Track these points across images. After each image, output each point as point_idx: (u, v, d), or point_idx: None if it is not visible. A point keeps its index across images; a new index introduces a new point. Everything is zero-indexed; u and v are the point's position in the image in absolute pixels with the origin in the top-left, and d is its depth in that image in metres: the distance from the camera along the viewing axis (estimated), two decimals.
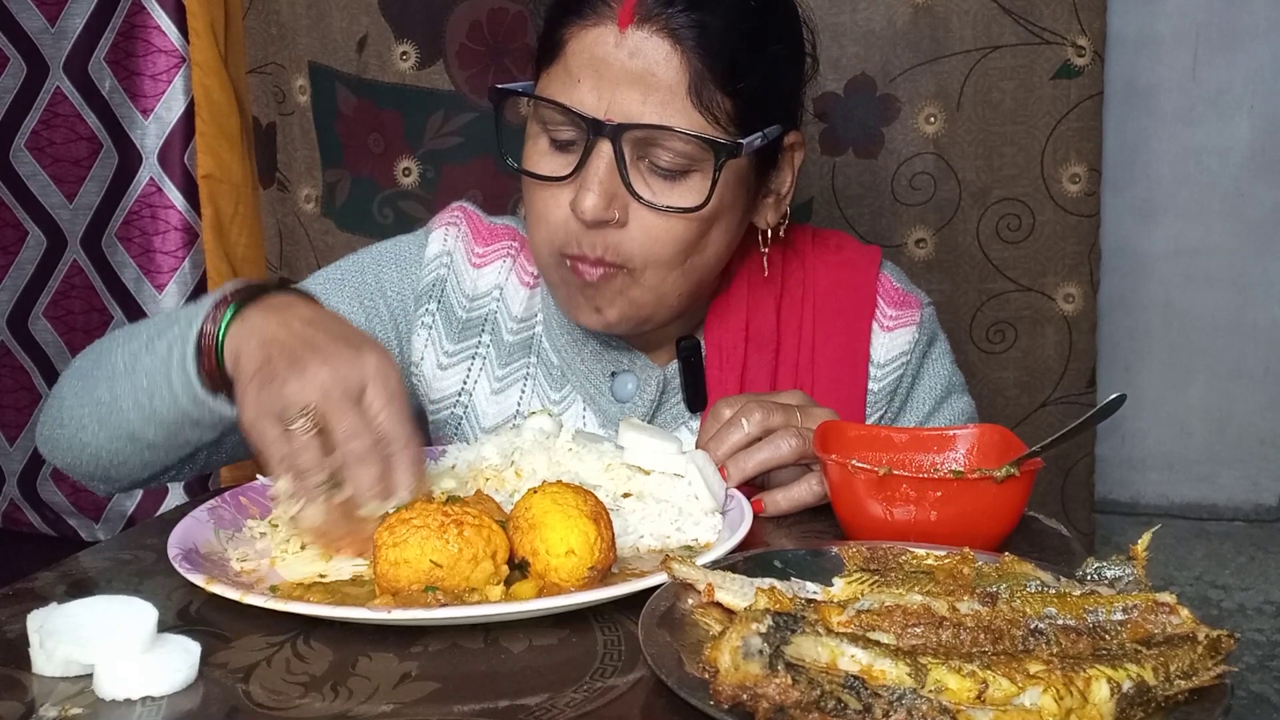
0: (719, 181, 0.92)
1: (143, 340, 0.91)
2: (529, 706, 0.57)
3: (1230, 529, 2.03)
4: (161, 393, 0.86)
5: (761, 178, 1.00)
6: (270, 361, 0.77)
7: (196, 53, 1.77)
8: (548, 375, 1.07)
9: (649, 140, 0.91)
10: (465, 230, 1.09)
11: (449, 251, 1.08)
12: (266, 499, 0.82)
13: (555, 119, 0.93)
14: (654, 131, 0.90)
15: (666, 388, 1.05)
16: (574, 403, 1.06)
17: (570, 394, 1.06)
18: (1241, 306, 1.98)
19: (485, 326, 1.08)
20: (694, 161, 0.92)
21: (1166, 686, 0.53)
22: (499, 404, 1.07)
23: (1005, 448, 0.83)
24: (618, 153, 0.90)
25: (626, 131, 0.90)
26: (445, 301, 1.08)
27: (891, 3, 1.57)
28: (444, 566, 0.66)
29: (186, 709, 0.58)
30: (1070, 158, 1.58)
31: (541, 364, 1.07)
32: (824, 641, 0.54)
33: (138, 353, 0.90)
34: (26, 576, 0.77)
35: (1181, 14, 1.90)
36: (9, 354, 1.97)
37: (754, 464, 0.87)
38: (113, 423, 0.91)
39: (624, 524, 0.79)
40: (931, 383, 1.09)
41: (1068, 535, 0.86)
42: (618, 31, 0.90)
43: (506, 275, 1.08)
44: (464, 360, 1.07)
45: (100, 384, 0.93)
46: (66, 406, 0.96)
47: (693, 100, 0.90)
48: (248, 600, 0.67)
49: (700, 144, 0.91)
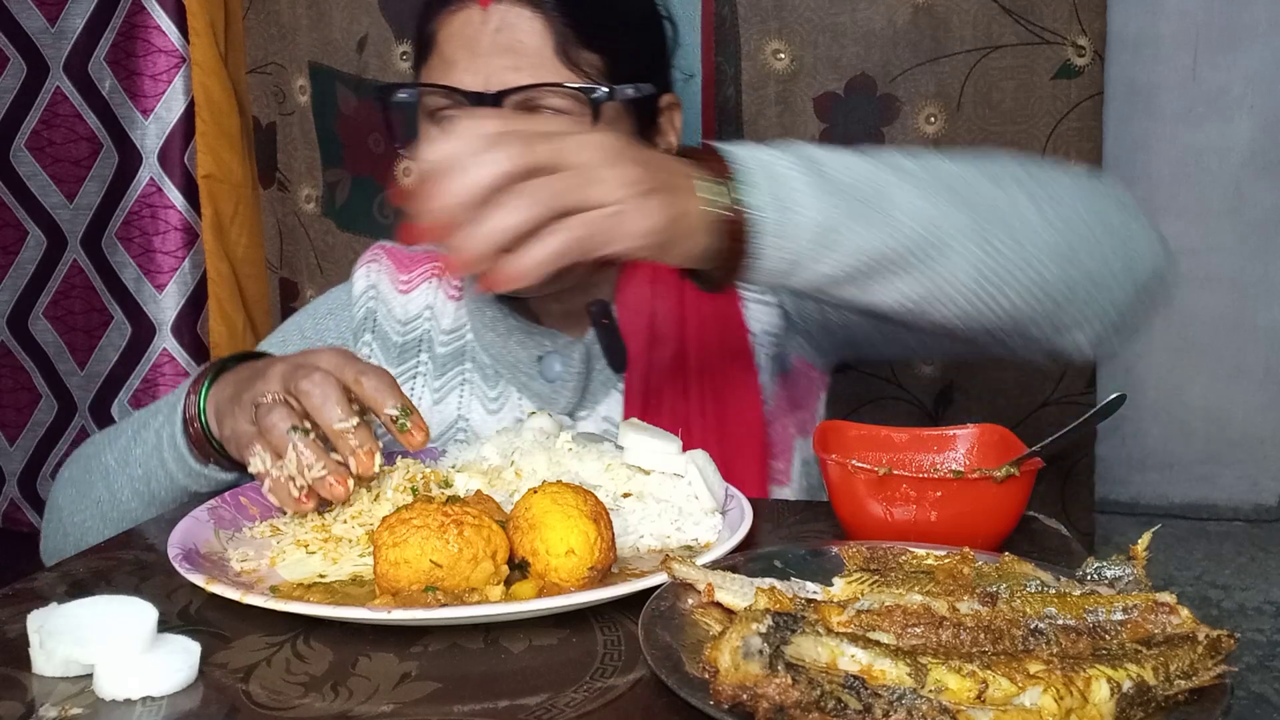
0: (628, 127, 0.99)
1: (129, 436, 0.98)
2: (529, 706, 0.57)
3: (1230, 529, 2.03)
4: (157, 476, 0.94)
5: (646, 139, 1.05)
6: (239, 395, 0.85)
7: (196, 53, 1.77)
8: (483, 377, 1.11)
9: (528, 103, 0.97)
10: (386, 263, 1.17)
11: (373, 285, 1.16)
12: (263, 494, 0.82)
13: (440, 103, 0.99)
14: (530, 92, 0.96)
15: (590, 356, 1.08)
16: (509, 396, 1.10)
17: (504, 388, 1.10)
18: (1241, 306, 1.98)
19: (421, 346, 1.14)
20: (574, 118, 0.97)
21: (1166, 686, 0.53)
22: (440, 413, 1.11)
23: (1005, 448, 0.83)
24: None
25: (506, 97, 0.95)
26: (379, 330, 1.15)
27: (891, 3, 1.57)
28: (444, 566, 0.66)
29: (186, 709, 0.58)
30: (1070, 158, 1.58)
31: (476, 367, 1.12)
32: (824, 641, 0.54)
33: (127, 447, 0.98)
34: (26, 576, 0.77)
35: (1181, 14, 1.90)
36: (9, 354, 1.98)
37: (483, 238, 0.70)
38: (115, 517, 0.97)
39: (624, 524, 0.79)
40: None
41: (1068, 535, 0.86)
42: (481, 10, 0.98)
43: (434, 294, 1.15)
44: (405, 381, 1.13)
45: (96, 485, 1.00)
46: (65, 515, 1.03)
47: (561, 60, 0.97)
48: (248, 600, 0.67)
49: (575, 97, 0.97)
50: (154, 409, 0.99)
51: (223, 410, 0.87)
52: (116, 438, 1.02)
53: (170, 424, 0.93)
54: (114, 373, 1.88)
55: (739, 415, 1.06)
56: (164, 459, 0.94)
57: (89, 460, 1.03)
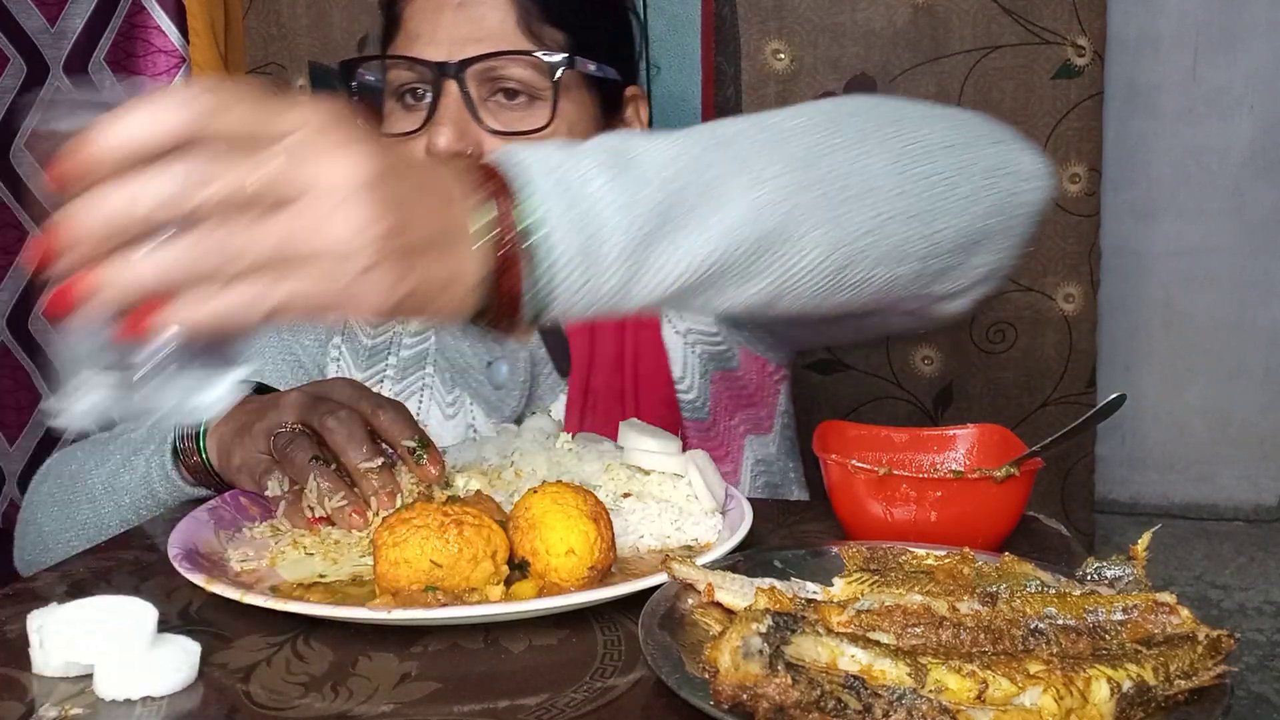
0: (559, 100, 0.98)
1: (117, 462, 0.98)
2: (529, 706, 0.57)
3: (1230, 529, 2.03)
4: (146, 504, 0.95)
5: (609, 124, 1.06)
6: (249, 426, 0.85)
7: (196, 53, 1.76)
8: (441, 381, 1.11)
9: (490, 74, 0.97)
10: None
11: None
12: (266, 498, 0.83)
13: (404, 78, 1.00)
14: (492, 61, 0.96)
15: (535, 360, 1.08)
16: (463, 401, 1.10)
17: (459, 394, 1.10)
18: (1241, 306, 1.98)
19: (390, 349, 1.14)
20: (537, 90, 0.98)
21: (1166, 686, 0.53)
22: None
23: (1005, 448, 0.83)
24: (464, 91, 0.96)
25: (468, 67, 0.96)
26: (349, 333, 1.15)
27: (891, 3, 1.57)
28: (444, 566, 0.66)
29: (186, 709, 0.58)
30: (1070, 158, 1.58)
31: (437, 372, 1.11)
32: (824, 641, 0.54)
33: (114, 473, 0.98)
34: (26, 576, 0.77)
35: (1181, 14, 1.90)
36: (9, 354, 1.97)
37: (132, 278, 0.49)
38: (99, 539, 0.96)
39: (624, 524, 0.79)
40: None
41: (1068, 535, 0.86)
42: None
43: None
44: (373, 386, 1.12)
45: (81, 507, 0.99)
46: (48, 533, 1.02)
47: (523, 31, 0.98)
48: (248, 600, 0.67)
49: (536, 66, 0.97)
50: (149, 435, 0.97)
51: (229, 444, 0.88)
52: (104, 460, 1.00)
53: (160, 455, 0.94)
54: None
55: (659, 419, 1.02)
56: (154, 490, 0.95)
57: (72, 480, 1.02)
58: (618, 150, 0.61)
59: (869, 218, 0.69)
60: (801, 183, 0.66)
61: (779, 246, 0.66)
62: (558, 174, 0.58)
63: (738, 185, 0.64)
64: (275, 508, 0.82)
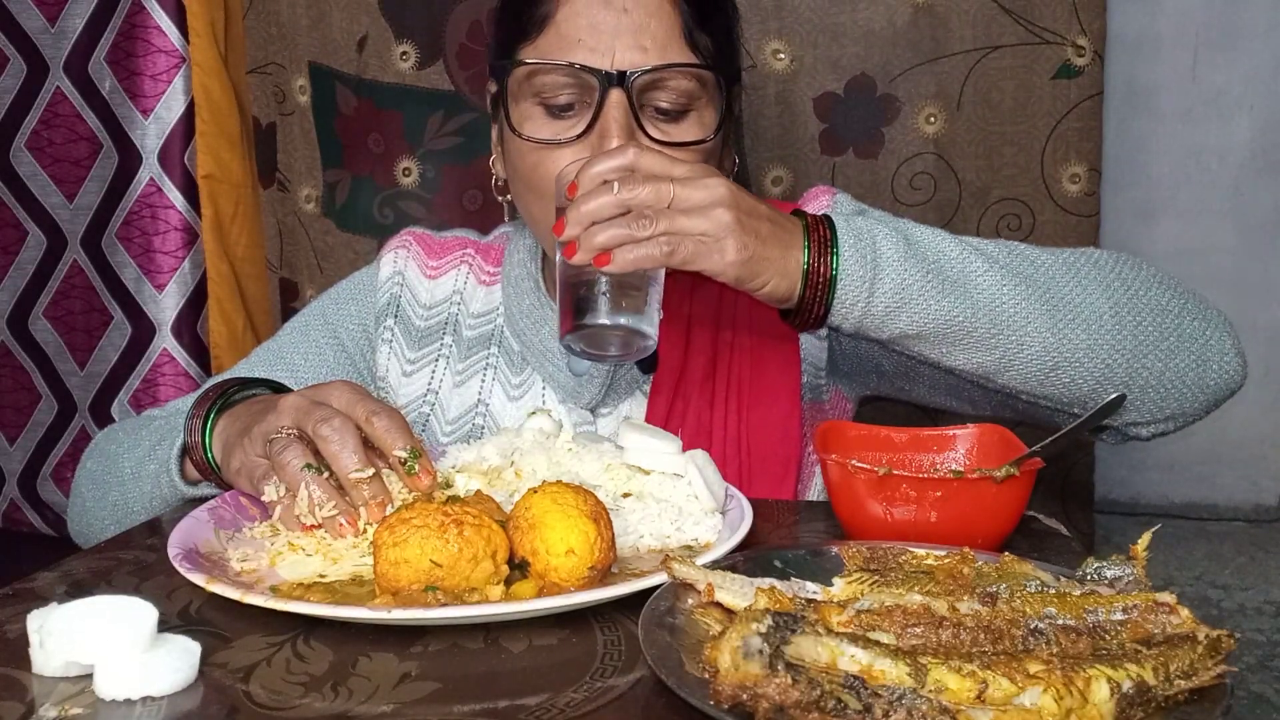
0: (706, 108, 0.99)
1: (146, 449, 1.03)
2: (529, 706, 0.57)
3: (1230, 529, 2.03)
4: (165, 494, 0.98)
5: (728, 119, 1.07)
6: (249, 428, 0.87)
7: (196, 53, 1.77)
8: (509, 362, 1.12)
9: (651, 85, 0.96)
10: (416, 249, 1.20)
11: (400, 271, 1.18)
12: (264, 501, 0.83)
13: (554, 84, 0.97)
14: (661, 73, 0.95)
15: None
16: (534, 384, 1.11)
17: (530, 375, 1.11)
18: (1241, 306, 1.98)
19: (446, 329, 1.16)
20: (692, 99, 0.98)
21: (1166, 686, 0.53)
22: (461, 395, 1.13)
23: (1005, 448, 0.83)
24: (630, 100, 0.94)
25: (637, 78, 0.94)
26: (402, 315, 1.17)
27: (891, 3, 1.57)
28: (444, 566, 0.66)
29: (186, 709, 0.58)
30: (1070, 158, 1.58)
31: (503, 352, 1.13)
32: (824, 641, 0.54)
33: (142, 460, 1.02)
34: (26, 576, 0.77)
35: (1181, 14, 1.90)
36: (9, 354, 1.98)
37: (608, 244, 0.82)
38: (128, 522, 1.02)
39: (624, 524, 0.79)
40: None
41: (1068, 535, 0.86)
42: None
43: (465, 279, 1.18)
44: (428, 364, 1.15)
45: (112, 489, 1.05)
46: (88, 509, 1.08)
47: (685, 42, 0.97)
48: (248, 600, 0.67)
49: (699, 79, 0.97)
50: (172, 426, 1.02)
51: (231, 445, 0.89)
52: (136, 445, 1.05)
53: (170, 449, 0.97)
54: (114, 373, 1.88)
55: (765, 434, 1.05)
56: (174, 480, 0.97)
57: (110, 461, 1.07)
58: (901, 231, 0.88)
59: (1084, 338, 0.88)
60: (1033, 291, 0.88)
61: (1007, 330, 0.87)
62: (860, 232, 0.86)
63: (985, 279, 0.87)
64: (272, 512, 0.82)
